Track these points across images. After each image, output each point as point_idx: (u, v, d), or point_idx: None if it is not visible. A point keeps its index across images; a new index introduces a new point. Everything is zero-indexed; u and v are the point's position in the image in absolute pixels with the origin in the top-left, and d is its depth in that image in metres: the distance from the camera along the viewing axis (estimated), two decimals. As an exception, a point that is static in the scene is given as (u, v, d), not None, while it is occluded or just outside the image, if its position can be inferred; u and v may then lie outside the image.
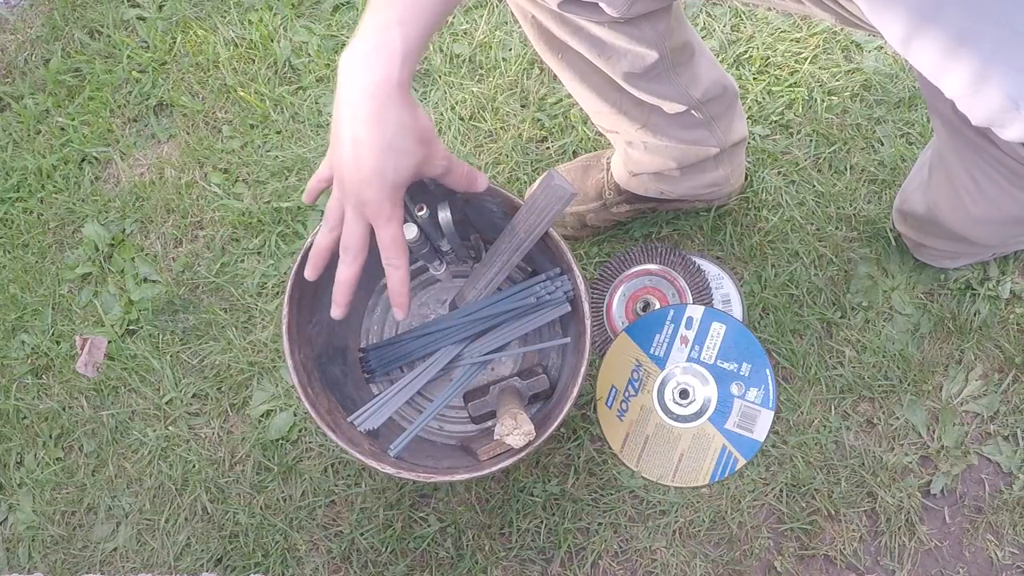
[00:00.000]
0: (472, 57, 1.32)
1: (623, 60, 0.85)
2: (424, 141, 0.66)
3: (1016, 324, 1.11)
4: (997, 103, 0.56)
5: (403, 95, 0.63)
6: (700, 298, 1.14)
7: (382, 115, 0.62)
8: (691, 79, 0.91)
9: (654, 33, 0.82)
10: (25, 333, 1.29)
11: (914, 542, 1.05)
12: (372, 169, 0.64)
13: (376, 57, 0.62)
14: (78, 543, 1.18)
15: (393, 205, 0.67)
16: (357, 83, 0.62)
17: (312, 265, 0.76)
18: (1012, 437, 1.08)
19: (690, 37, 0.89)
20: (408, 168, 0.66)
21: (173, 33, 1.43)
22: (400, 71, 0.62)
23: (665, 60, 0.86)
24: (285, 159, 1.31)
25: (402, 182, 0.67)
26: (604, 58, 0.85)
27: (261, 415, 1.18)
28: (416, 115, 0.64)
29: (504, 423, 0.88)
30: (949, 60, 0.55)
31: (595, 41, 0.83)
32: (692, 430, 1.10)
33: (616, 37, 0.82)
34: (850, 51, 1.26)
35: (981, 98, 0.57)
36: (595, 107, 0.96)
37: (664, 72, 0.88)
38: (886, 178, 1.18)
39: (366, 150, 0.63)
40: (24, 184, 1.38)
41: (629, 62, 0.85)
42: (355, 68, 0.63)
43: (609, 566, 1.08)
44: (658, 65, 0.86)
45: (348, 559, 1.11)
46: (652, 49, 0.83)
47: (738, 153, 1.07)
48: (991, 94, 0.56)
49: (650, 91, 0.90)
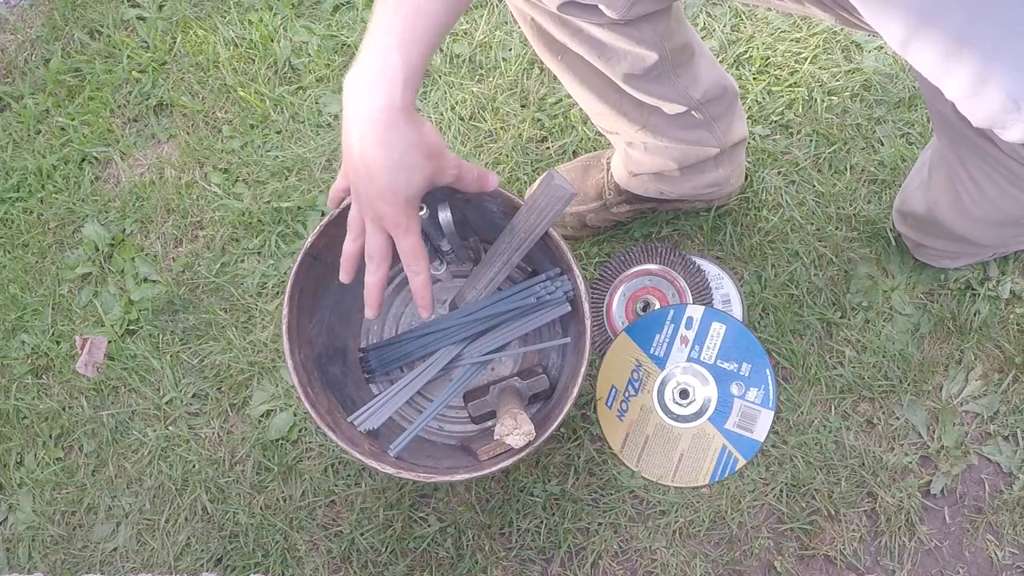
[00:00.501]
0: (472, 57, 1.32)
1: (623, 61, 0.84)
2: (433, 155, 0.67)
3: (1016, 324, 1.11)
4: (998, 104, 0.56)
5: (407, 116, 0.63)
6: (700, 298, 1.14)
7: (389, 138, 0.63)
8: (691, 80, 0.91)
9: (654, 35, 0.82)
10: (25, 333, 1.29)
11: (914, 542, 1.05)
12: (384, 186, 0.66)
13: (379, 81, 0.62)
14: (78, 543, 1.18)
15: (409, 217, 0.69)
16: (362, 107, 0.63)
17: (344, 271, 0.78)
18: (1012, 437, 1.08)
19: (690, 38, 0.89)
20: (419, 182, 0.67)
21: (173, 33, 1.43)
22: (403, 94, 0.63)
23: (665, 61, 0.86)
24: (285, 159, 1.31)
25: (415, 194, 0.68)
26: (604, 60, 0.85)
27: (261, 415, 1.18)
28: (422, 132, 0.65)
29: (504, 423, 0.88)
30: (949, 61, 0.54)
31: (595, 43, 0.83)
32: (692, 430, 1.10)
33: (616, 39, 0.82)
34: (850, 51, 1.26)
35: (982, 99, 0.57)
36: (595, 108, 0.96)
37: (664, 73, 0.88)
38: (886, 178, 1.18)
39: (377, 170, 0.65)
40: (24, 184, 1.38)
41: (629, 63, 0.85)
42: (359, 92, 0.63)
43: (609, 566, 1.08)
44: (658, 66, 0.86)
45: (348, 559, 1.11)
46: (652, 50, 0.83)
47: (738, 153, 1.07)
48: (992, 95, 0.56)
49: (650, 92, 0.90)
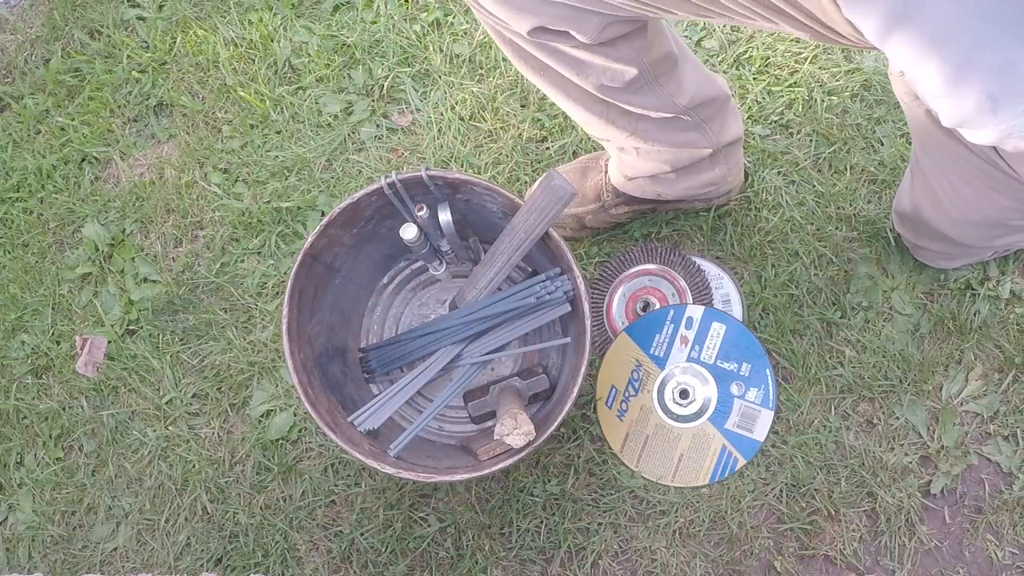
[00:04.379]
0: (472, 57, 1.32)
1: (602, 76, 0.84)
2: None
3: (1016, 324, 1.11)
4: (973, 102, 0.54)
5: None
6: (700, 298, 1.14)
7: None
8: (676, 88, 0.90)
9: (631, 51, 0.81)
10: (25, 333, 1.29)
11: (914, 542, 1.05)
12: None
13: None
14: (78, 543, 1.18)
15: None
16: None
17: None
18: (1012, 437, 1.08)
19: (671, 47, 0.88)
20: None
21: (173, 33, 1.43)
22: None
23: (646, 74, 0.85)
24: (285, 159, 1.31)
25: None
26: (583, 76, 0.84)
27: (261, 415, 1.18)
28: None
29: (504, 423, 0.88)
30: (928, 55, 0.52)
31: (572, 61, 0.82)
32: (692, 430, 1.10)
33: (593, 57, 0.81)
34: (850, 51, 1.25)
35: (957, 97, 0.55)
36: (582, 118, 0.95)
37: (646, 85, 0.87)
38: (886, 178, 1.18)
39: None
40: (24, 184, 1.38)
41: (609, 78, 0.84)
42: None
43: (609, 566, 1.08)
44: (639, 79, 0.85)
45: (348, 559, 1.11)
46: (631, 66, 0.83)
47: (734, 152, 1.07)
48: (969, 92, 0.53)
49: (633, 103, 0.89)
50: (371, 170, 1.28)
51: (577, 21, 0.74)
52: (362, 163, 1.29)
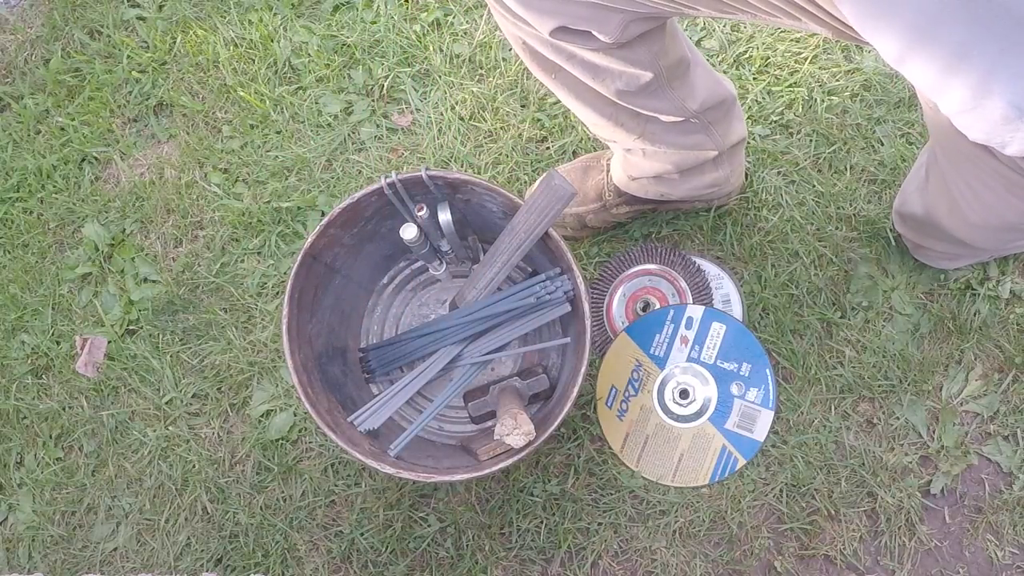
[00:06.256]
0: (472, 57, 1.32)
1: (618, 80, 0.84)
2: None
3: (1016, 324, 1.11)
4: (999, 114, 0.54)
5: None
6: (700, 298, 1.14)
7: None
8: (688, 92, 0.91)
9: (648, 54, 0.82)
10: (25, 333, 1.29)
11: (914, 542, 1.05)
12: None
13: None
14: (78, 543, 1.18)
15: None
16: None
17: None
18: (1012, 437, 1.08)
19: (685, 51, 0.88)
20: None
21: (173, 33, 1.43)
22: None
23: (660, 78, 0.85)
24: (285, 159, 1.31)
25: None
26: (598, 80, 0.84)
27: (261, 415, 1.18)
28: None
29: (504, 423, 0.88)
30: (949, 76, 0.52)
31: (588, 66, 0.82)
32: (692, 430, 1.10)
33: (610, 61, 0.81)
34: (850, 51, 1.25)
35: (981, 112, 0.54)
36: (591, 120, 0.96)
37: (660, 89, 0.87)
38: (886, 178, 1.18)
39: None
40: (24, 184, 1.38)
41: (624, 82, 0.84)
42: None
43: (609, 566, 1.08)
44: (653, 83, 0.85)
45: (348, 559, 1.11)
46: (647, 70, 0.83)
47: (737, 153, 1.07)
48: (992, 106, 0.53)
49: (645, 107, 0.89)
50: (371, 170, 1.28)
51: (599, 21, 0.74)
52: (362, 163, 1.29)
